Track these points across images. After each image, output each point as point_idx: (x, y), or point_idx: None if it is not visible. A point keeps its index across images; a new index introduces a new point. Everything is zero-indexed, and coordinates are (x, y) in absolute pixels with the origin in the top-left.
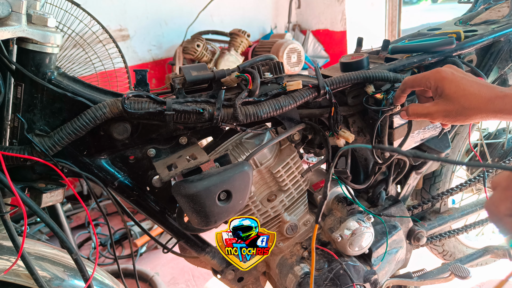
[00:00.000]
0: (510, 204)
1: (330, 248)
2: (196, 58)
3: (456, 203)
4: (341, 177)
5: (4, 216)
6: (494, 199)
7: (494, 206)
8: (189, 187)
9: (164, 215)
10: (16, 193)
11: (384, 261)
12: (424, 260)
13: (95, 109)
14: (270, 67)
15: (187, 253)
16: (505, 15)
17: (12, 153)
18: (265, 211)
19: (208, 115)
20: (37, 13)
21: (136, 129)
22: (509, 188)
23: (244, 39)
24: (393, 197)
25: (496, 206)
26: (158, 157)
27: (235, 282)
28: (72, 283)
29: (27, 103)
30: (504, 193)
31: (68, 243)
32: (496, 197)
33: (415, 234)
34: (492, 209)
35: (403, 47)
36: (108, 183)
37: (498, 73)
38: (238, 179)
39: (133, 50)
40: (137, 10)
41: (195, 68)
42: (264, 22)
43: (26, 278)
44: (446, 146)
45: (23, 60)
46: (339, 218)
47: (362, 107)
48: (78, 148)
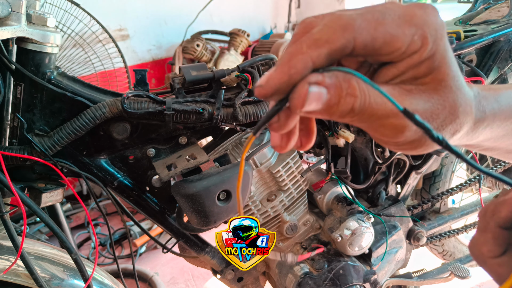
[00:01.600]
0: (492, 246)
1: (330, 248)
2: (196, 57)
3: (456, 203)
4: (341, 177)
5: (3, 216)
6: (474, 242)
7: (476, 249)
8: (188, 187)
9: (164, 215)
10: (16, 193)
11: (384, 261)
12: (424, 260)
13: (94, 109)
14: (270, 66)
15: (186, 253)
16: (504, 15)
17: (12, 153)
18: (264, 211)
19: (207, 115)
20: (37, 13)
21: (136, 129)
22: (486, 230)
23: (243, 39)
24: (393, 197)
25: (478, 249)
26: (158, 157)
27: (235, 282)
28: (71, 283)
29: (26, 103)
30: (483, 236)
31: (68, 243)
32: (476, 240)
33: (415, 234)
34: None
35: None
36: (107, 183)
37: (498, 73)
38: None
39: (133, 50)
40: (137, 10)
41: (194, 67)
42: (263, 21)
43: (25, 278)
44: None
45: (22, 60)
46: (339, 218)
47: None
48: (78, 148)
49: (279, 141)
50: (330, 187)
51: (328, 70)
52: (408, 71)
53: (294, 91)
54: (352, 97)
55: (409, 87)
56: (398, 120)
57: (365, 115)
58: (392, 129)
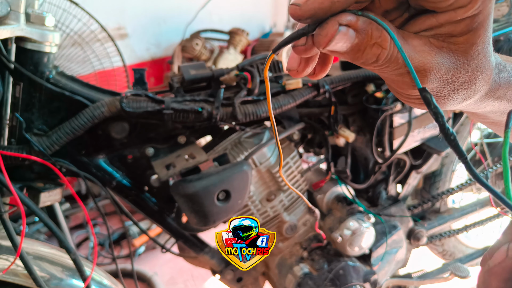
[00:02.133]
0: None
1: (330, 248)
2: (195, 56)
3: (456, 203)
4: (341, 177)
5: (2, 216)
6: None
7: None
8: (187, 186)
9: (163, 215)
10: (15, 192)
11: (384, 261)
12: (424, 260)
13: (93, 108)
14: (270, 65)
15: (185, 253)
16: (504, 14)
17: (11, 152)
18: (264, 211)
19: (206, 114)
20: (36, 12)
21: (134, 128)
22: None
23: (243, 38)
24: (393, 196)
25: None
26: (157, 156)
27: (234, 282)
28: (70, 282)
29: (25, 102)
30: None
31: (67, 243)
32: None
33: (415, 234)
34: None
35: None
36: (106, 182)
37: None
38: (237, 178)
39: (132, 48)
40: (136, 8)
41: (193, 67)
42: (263, 20)
43: (24, 278)
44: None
45: (21, 59)
46: (338, 218)
47: (362, 106)
48: (76, 148)
49: (297, 65)
50: (330, 186)
51: (363, 15)
52: (446, 26)
53: (322, 27)
54: (379, 48)
55: (441, 43)
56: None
57: (389, 67)
58: (410, 84)
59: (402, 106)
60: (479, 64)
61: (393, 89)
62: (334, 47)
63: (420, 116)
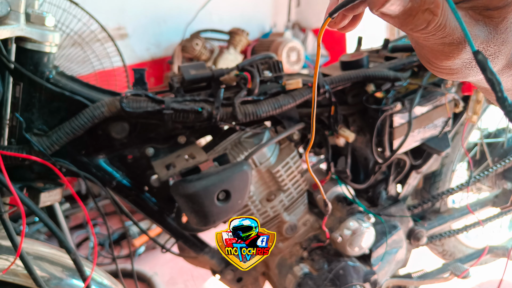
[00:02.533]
0: None
1: (330, 248)
2: (195, 56)
3: (456, 203)
4: (341, 177)
5: (2, 216)
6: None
7: None
8: (187, 186)
9: (163, 215)
10: (15, 192)
11: (384, 261)
12: (424, 260)
13: (93, 108)
14: (269, 65)
15: (185, 253)
16: None
17: (11, 152)
18: (264, 211)
19: (206, 114)
20: (36, 12)
21: (134, 128)
22: None
23: (243, 38)
24: (393, 196)
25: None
26: (157, 156)
27: (234, 282)
28: (70, 282)
29: (25, 102)
30: None
31: (67, 243)
32: None
33: (415, 234)
34: None
35: (403, 45)
36: (106, 182)
37: None
38: (237, 178)
39: (132, 48)
40: (136, 8)
41: (193, 66)
42: (263, 20)
43: (24, 278)
44: (446, 145)
45: (21, 59)
46: (338, 218)
47: (362, 106)
48: (77, 148)
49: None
50: (330, 187)
51: None
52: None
53: None
54: (431, 14)
55: (477, 16)
56: (458, 48)
57: (435, 35)
58: (446, 54)
59: (402, 106)
60: (505, 38)
61: (425, 59)
62: (388, 9)
63: (420, 116)
